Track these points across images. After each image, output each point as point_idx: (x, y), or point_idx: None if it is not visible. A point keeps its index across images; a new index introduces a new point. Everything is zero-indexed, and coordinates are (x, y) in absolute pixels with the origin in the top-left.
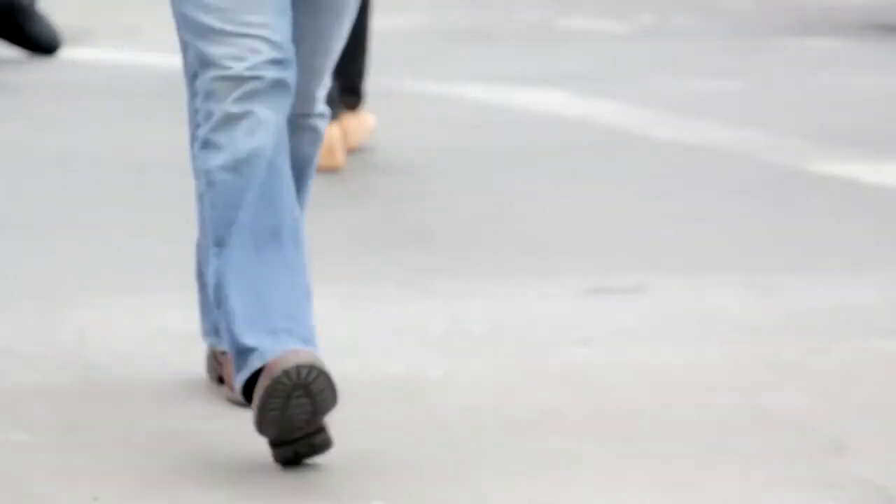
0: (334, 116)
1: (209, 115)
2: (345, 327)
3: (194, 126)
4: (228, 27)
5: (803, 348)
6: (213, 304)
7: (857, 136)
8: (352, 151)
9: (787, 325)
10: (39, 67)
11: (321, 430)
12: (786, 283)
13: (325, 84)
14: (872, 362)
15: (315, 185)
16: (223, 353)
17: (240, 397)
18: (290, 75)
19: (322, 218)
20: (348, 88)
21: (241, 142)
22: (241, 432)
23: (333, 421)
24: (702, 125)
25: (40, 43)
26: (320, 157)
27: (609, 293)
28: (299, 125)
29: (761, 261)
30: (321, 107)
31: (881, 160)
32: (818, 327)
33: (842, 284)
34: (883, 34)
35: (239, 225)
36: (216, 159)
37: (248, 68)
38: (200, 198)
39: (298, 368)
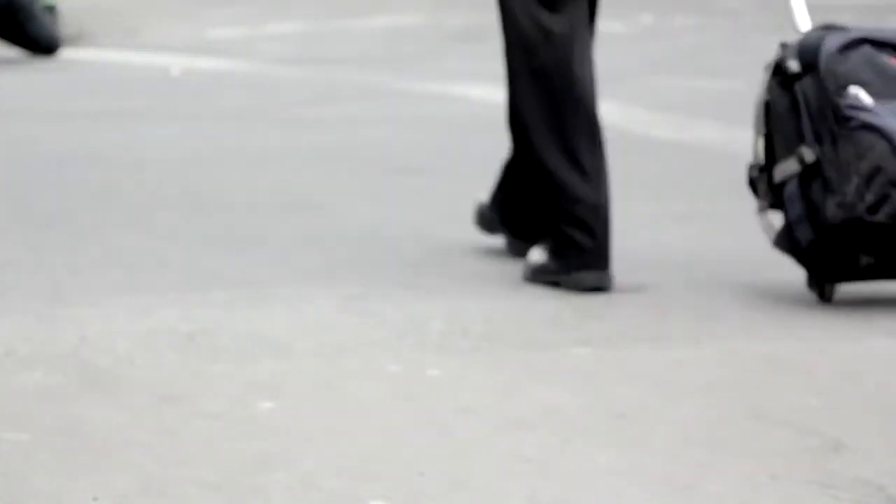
0: None
1: None
2: (345, 327)
3: None
4: None
5: (803, 348)
6: None
7: None
8: None
9: (787, 324)
10: (39, 67)
11: None
12: (785, 283)
13: None
14: (872, 362)
15: (313, 184)
16: None
17: None
18: None
19: (321, 218)
20: None
21: None
22: (241, 432)
23: (333, 422)
24: (702, 125)
25: (40, 43)
26: None
27: (609, 293)
28: None
29: (760, 261)
30: None
31: None
32: (818, 327)
33: (841, 284)
34: None
35: None
36: None
37: None
38: None
39: None
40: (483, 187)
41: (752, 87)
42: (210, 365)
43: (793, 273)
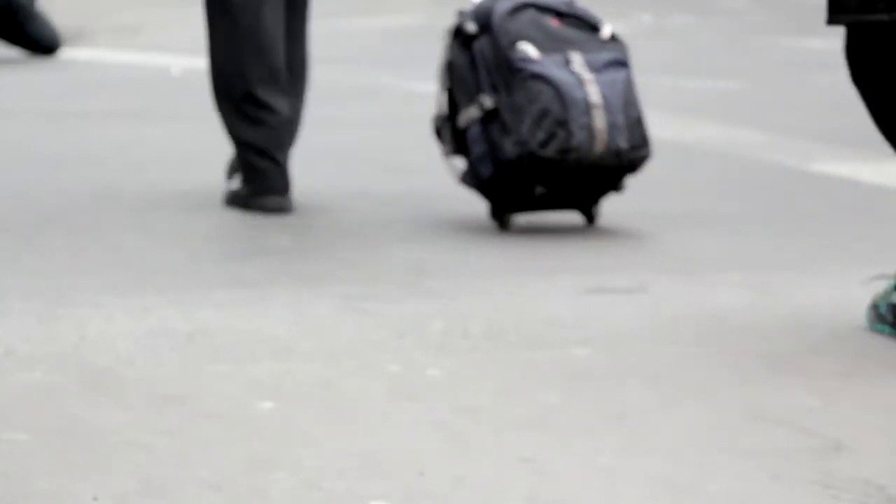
0: None
1: None
2: (345, 327)
3: None
4: None
5: (803, 348)
6: None
7: (857, 136)
8: None
9: (787, 325)
10: (39, 67)
11: None
12: (786, 283)
13: None
14: (872, 362)
15: (313, 184)
16: None
17: None
18: None
19: (322, 218)
20: None
21: None
22: (241, 432)
23: (333, 422)
24: (702, 125)
25: (40, 43)
26: None
27: (609, 293)
28: None
29: (761, 261)
30: None
31: (881, 160)
32: (818, 327)
33: (842, 284)
34: None
35: None
36: None
37: None
38: None
39: None
40: None
41: (752, 87)
42: (210, 365)
43: (794, 272)
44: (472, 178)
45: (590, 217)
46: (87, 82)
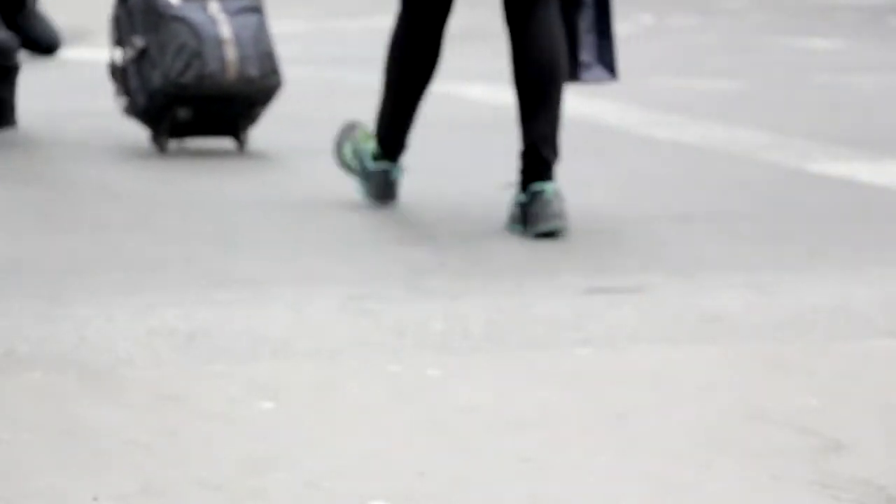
0: None
1: None
2: (345, 327)
3: None
4: None
5: (803, 348)
6: None
7: (857, 136)
8: None
9: (787, 325)
10: (39, 67)
11: None
12: (786, 283)
13: None
14: (872, 362)
15: (313, 184)
16: None
17: None
18: None
19: (322, 218)
20: None
21: None
22: (241, 432)
23: (333, 422)
24: (702, 125)
25: (40, 43)
26: None
27: (609, 293)
28: None
29: (761, 261)
30: None
31: (881, 160)
32: (818, 327)
33: (842, 284)
34: (883, 34)
35: None
36: None
37: None
38: None
39: None
40: (484, 187)
41: (752, 87)
42: (210, 365)
43: (794, 272)
44: (132, 109)
45: (240, 143)
46: (87, 82)
